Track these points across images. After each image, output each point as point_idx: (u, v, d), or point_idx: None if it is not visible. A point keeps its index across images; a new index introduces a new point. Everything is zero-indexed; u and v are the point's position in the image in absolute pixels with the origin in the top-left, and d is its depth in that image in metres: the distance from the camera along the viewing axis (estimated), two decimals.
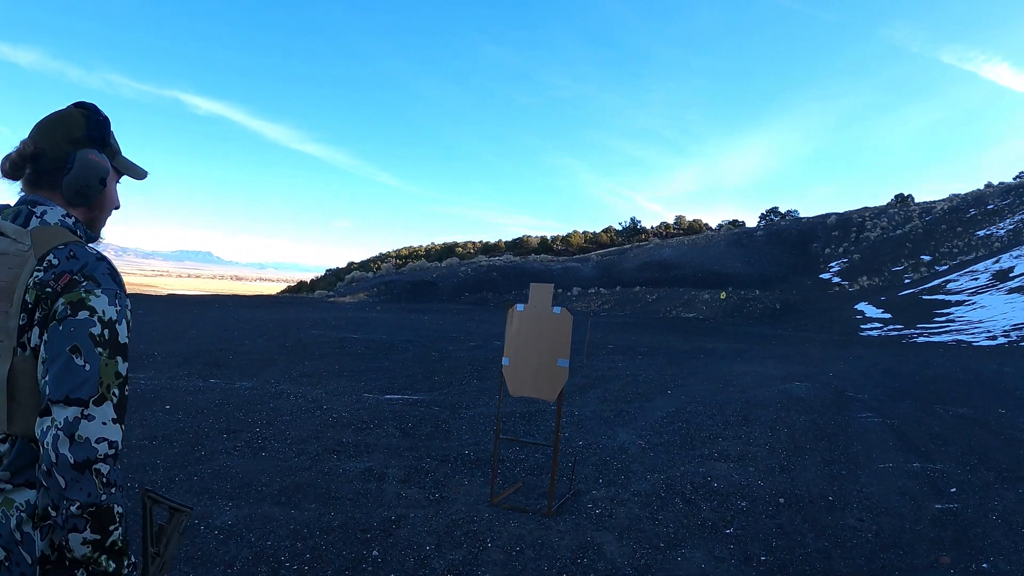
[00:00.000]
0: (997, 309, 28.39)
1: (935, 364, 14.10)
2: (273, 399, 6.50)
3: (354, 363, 9.55)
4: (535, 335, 3.34)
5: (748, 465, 4.92)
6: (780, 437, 5.97)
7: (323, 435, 5.16)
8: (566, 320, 3.31)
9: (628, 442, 5.40)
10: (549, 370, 3.32)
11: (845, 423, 6.85)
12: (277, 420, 5.64)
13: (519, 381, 3.40)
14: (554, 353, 3.30)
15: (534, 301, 3.41)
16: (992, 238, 45.06)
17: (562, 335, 3.29)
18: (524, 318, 3.41)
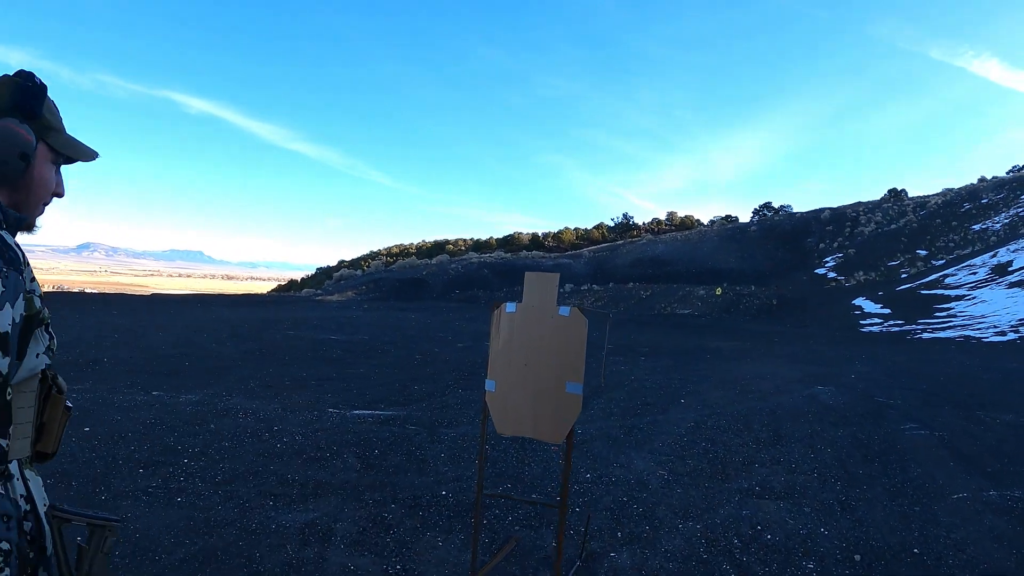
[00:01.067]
0: (999, 304, 27.74)
1: (954, 362, 13.21)
2: (217, 418, 5.43)
3: (325, 369, 8.47)
4: (534, 347, 2.35)
5: (801, 503, 3.91)
6: (824, 459, 4.98)
7: (265, 469, 4.10)
8: (578, 325, 2.30)
9: (647, 471, 4.37)
10: (554, 399, 2.31)
11: (890, 437, 5.89)
12: (213, 447, 4.57)
13: (510, 414, 2.38)
14: (561, 374, 2.30)
15: (532, 298, 2.42)
16: (988, 232, 44.56)
17: (573, 348, 2.29)
18: (518, 323, 2.40)
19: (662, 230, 70.43)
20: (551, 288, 2.39)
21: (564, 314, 2.28)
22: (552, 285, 2.39)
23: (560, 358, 2.26)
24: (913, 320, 26.76)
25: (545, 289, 2.39)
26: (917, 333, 23.87)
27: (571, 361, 2.23)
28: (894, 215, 57.20)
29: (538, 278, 2.34)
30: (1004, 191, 53.74)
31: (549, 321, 2.29)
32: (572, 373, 2.22)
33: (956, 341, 20.10)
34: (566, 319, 2.27)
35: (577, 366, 2.22)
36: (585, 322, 2.25)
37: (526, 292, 2.38)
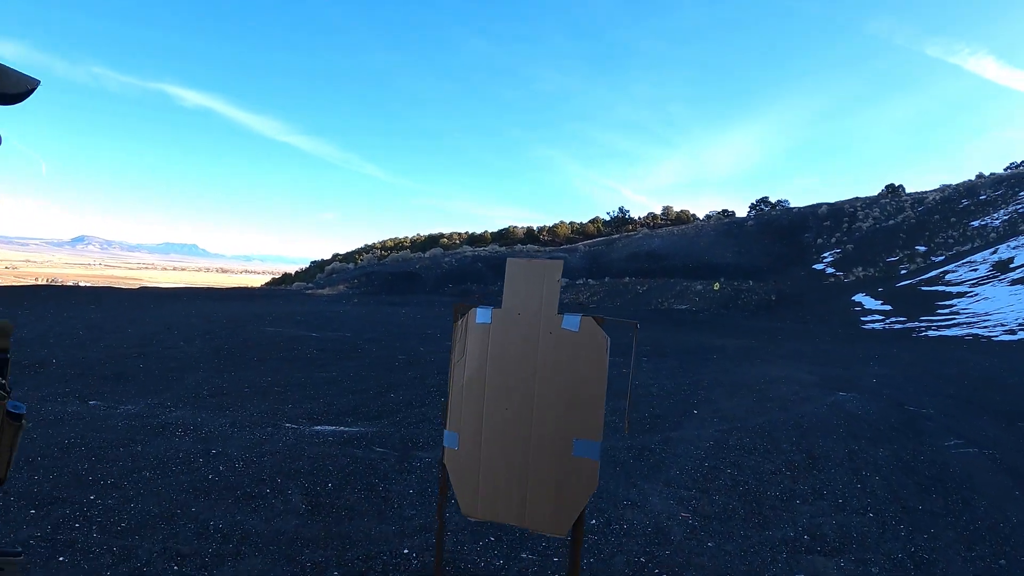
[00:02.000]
0: (1002, 301, 27.10)
1: (972, 364, 12.43)
2: (150, 436, 4.56)
3: (294, 373, 7.59)
4: (521, 381, 1.51)
5: (865, 559, 3.08)
6: (874, 490, 4.16)
7: (184, 512, 3.23)
8: (594, 346, 1.46)
9: (666, 514, 3.52)
10: (554, 467, 1.47)
11: (937, 458, 5.08)
12: (131, 478, 3.70)
13: (484, 489, 1.53)
14: (567, 426, 1.46)
15: (519, 298, 1.57)
16: (987, 229, 43.99)
17: (587, 384, 1.45)
18: (495, 341, 1.54)
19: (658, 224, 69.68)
20: (550, 284, 1.53)
21: (571, 328, 1.44)
22: (551, 279, 1.54)
23: (564, 400, 1.42)
24: (916, 317, 26.08)
25: (540, 285, 1.53)
26: (922, 331, 23.13)
27: (583, 405, 1.39)
28: (892, 211, 56.59)
29: (528, 267, 1.50)
30: (1002, 187, 53.20)
31: (547, 339, 1.45)
32: (584, 425, 1.38)
33: (965, 340, 19.36)
34: (574, 336, 1.42)
35: (592, 413, 1.38)
36: (605, 341, 1.40)
37: (508, 289, 1.53)
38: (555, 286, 1.51)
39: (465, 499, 1.55)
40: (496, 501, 1.49)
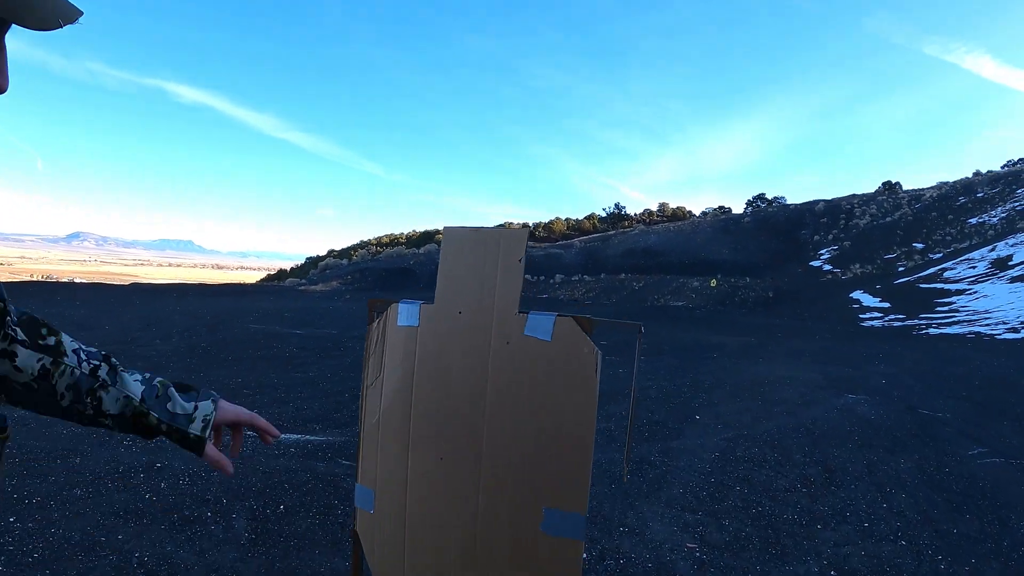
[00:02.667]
0: (1002, 299, 26.82)
1: (981, 364, 12.02)
2: (93, 447, 4.08)
3: (269, 373, 7.11)
4: (468, 415, 1.00)
5: None
6: (901, 509, 3.71)
7: (108, 539, 2.76)
8: (578, 366, 0.93)
9: (668, 542, 3.06)
10: (515, 550, 0.94)
11: (963, 469, 4.64)
12: (59, 496, 3.23)
13: (412, 571, 1.01)
14: (534, 490, 0.94)
15: (463, 289, 1.05)
16: (985, 226, 43.77)
17: (567, 422, 0.93)
18: (429, 353, 1.04)
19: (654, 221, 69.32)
20: (508, 265, 1.02)
21: (540, 335, 0.96)
22: (509, 256, 1.02)
23: (530, 447, 0.95)
24: (915, 315, 25.77)
25: (492, 266, 1.03)
26: (922, 328, 22.78)
27: (559, 456, 0.92)
28: (889, 208, 56.38)
29: (476, 238, 1.02)
30: (1000, 185, 53.03)
31: (503, 351, 0.99)
32: (560, 488, 0.90)
33: (968, 338, 19.00)
34: (546, 348, 0.96)
35: (575, 470, 0.90)
36: (595, 356, 0.91)
37: (445, 273, 1.06)
38: (516, 269, 1.00)
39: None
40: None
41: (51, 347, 0.84)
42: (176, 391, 0.93)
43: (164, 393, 0.91)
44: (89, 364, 0.87)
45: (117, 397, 0.87)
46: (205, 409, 0.93)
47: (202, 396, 0.94)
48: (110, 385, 0.87)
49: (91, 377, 0.86)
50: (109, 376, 0.88)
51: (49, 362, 0.83)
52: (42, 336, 0.83)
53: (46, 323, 0.86)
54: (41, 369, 0.82)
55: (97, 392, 0.86)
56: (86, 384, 0.86)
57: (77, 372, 0.85)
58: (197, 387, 0.97)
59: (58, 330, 0.87)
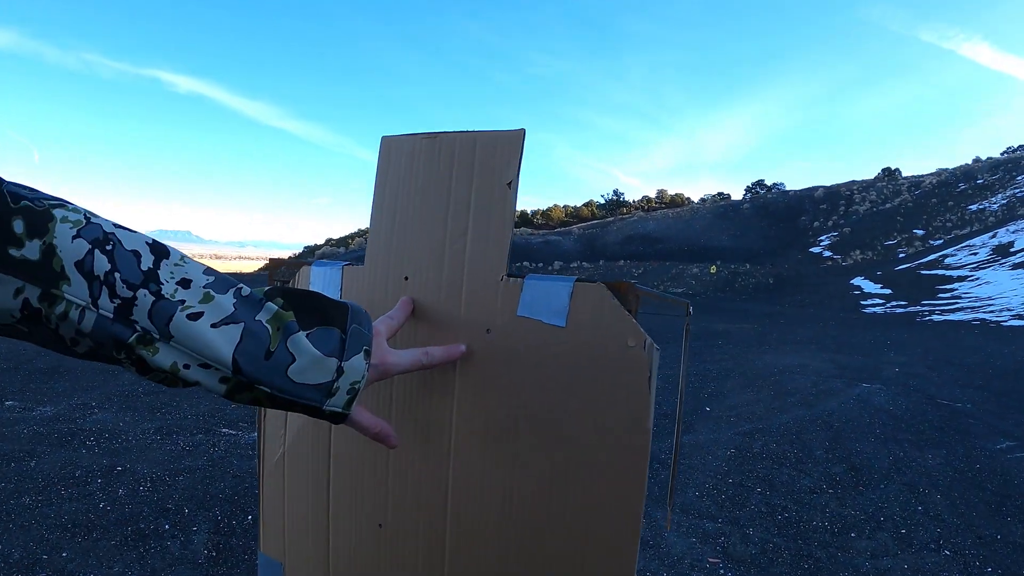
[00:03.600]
0: (1005, 285, 26.59)
1: (993, 352, 11.71)
2: (55, 446, 3.73)
3: None
4: (424, 454, 0.60)
5: None
6: (939, 513, 3.38)
7: (52, 556, 2.41)
8: (626, 375, 0.55)
9: (687, 556, 2.72)
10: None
11: (995, 466, 4.31)
12: (5, 506, 2.87)
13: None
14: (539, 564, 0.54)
15: (409, 235, 0.63)
16: (986, 212, 43.53)
17: (606, 472, 0.52)
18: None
19: (653, 207, 68.93)
20: (492, 191, 0.59)
21: (547, 319, 0.55)
22: (496, 174, 0.59)
23: (528, 514, 0.55)
24: (917, 301, 25.54)
25: (460, 195, 0.61)
26: (925, 315, 22.51)
27: (577, 533, 0.52)
28: (889, 194, 56.08)
29: (432, 148, 0.59)
30: (1000, 172, 52.73)
31: (481, 347, 0.58)
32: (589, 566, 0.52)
33: (973, 325, 18.70)
34: (557, 339, 0.55)
35: (611, 556, 0.51)
36: (645, 353, 0.57)
37: (378, 217, 0.63)
38: (503, 201, 0.58)
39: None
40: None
41: (34, 265, 0.41)
42: (307, 335, 0.49)
43: (282, 345, 0.47)
44: (114, 296, 0.43)
45: (178, 363, 0.45)
46: (354, 371, 0.50)
47: (350, 339, 0.50)
48: (157, 340, 0.44)
49: (121, 322, 0.43)
50: (156, 320, 0.44)
51: (37, 296, 0.41)
52: (15, 240, 0.40)
53: (24, 206, 0.41)
54: (25, 308, 0.41)
55: (136, 350, 0.44)
56: (109, 336, 0.43)
57: (91, 314, 0.42)
58: (339, 303, 0.52)
59: (50, 216, 0.42)
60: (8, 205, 0.40)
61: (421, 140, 0.63)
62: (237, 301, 0.47)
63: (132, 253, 0.44)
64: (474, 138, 0.60)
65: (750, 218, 57.23)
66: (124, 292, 0.43)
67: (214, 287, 0.47)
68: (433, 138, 0.63)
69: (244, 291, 0.48)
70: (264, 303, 0.48)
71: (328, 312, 0.50)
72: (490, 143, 0.59)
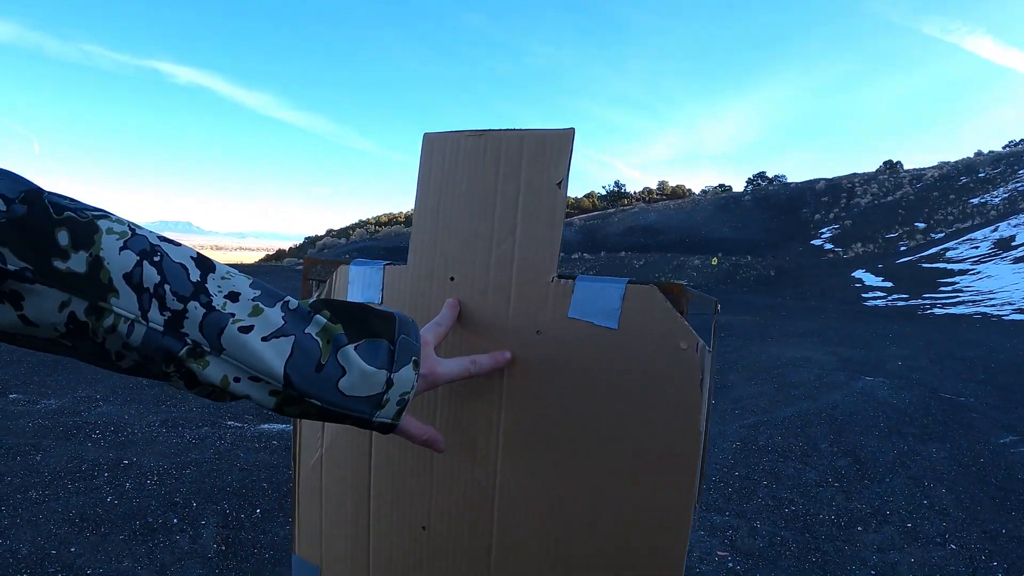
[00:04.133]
0: (1006, 279, 26.57)
1: (995, 346, 11.72)
2: (59, 440, 3.73)
3: None
4: (470, 457, 0.59)
5: None
6: (944, 507, 3.38)
7: (57, 555, 2.42)
8: (678, 379, 0.52)
9: (697, 549, 2.73)
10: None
11: (1000, 460, 4.32)
12: (11, 501, 2.88)
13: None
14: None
15: (458, 236, 0.62)
16: (987, 206, 43.39)
17: (656, 477, 0.52)
18: None
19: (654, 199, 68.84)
20: (542, 190, 0.59)
21: (599, 321, 0.55)
22: (545, 173, 0.59)
23: (579, 519, 0.54)
24: (918, 295, 25.52)
25: (508, 193, 0.60)
26: (926, 308, 22.51)
27: (626, 537, 0.53)
28: (890, 187, 55.91)
29: (477, 147, 0.59)
30: (1001, 165, 52.53)
31: (531, 348, 0.57)
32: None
33: (975, 318, 18.69)
34: (609, 341, 0.54)
35: (660, 559, 0.54)
36: (698, 355, 0.52)
37: (422, 215, 0.62)
38: (554, 200, 0.58)
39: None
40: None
41: (81, 278, 0.40)
42: (355, 347, 0.48)
43: (332, 358, 0.47)
44: (164, 308, 0.42)
45: (228, 377, 0.44)
46: (403, 383, 0.50)
47: (399, 351, 0.50)
48: (208, 353, 0.43)
49: (172, 335, 0.42)
50: (208, 334, 0.43)
51: (83, 309, 0.40)
52: (60, 252, 0.39)
53: (68, 216, 0.40)
54: (71, 322, 0.40)
55: (187, 364, 0.43)
56: (159, 350, 0.42)
57: (141, 327, 0.41)
58: (386, 313, 0.52)
59: (95, 227, 0.41)
60: (51, 216, 0.39)
61: (465, 138, 0.63)
62: (286, 314, 0.47)
63: (180, 265, 0.44)
64: (521, 136, 0.59)
65: (751, 210, 57.08)
66: (175, 304, 0.42)
67: (262, 300, 0.47)
68: (479, 136, 0.62)
69: (292, 304, 0.48)
70: (313, 316, 0.48)
71: (375, 324, 0.50)
72: (538, 142, 0.59)
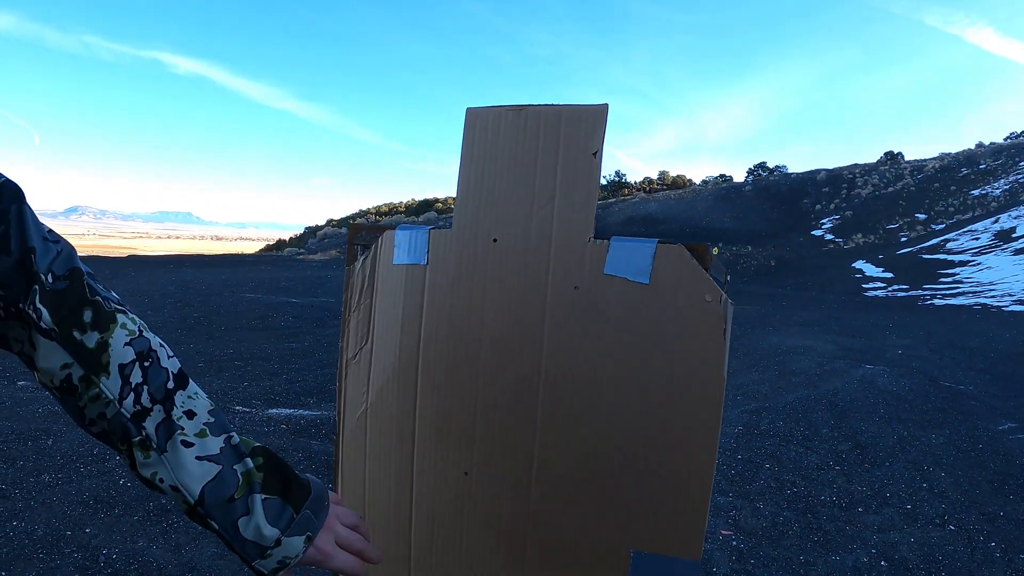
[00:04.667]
0: (1006, 271, 26.58)
1: (995, 336, 11.77)
2: (69, 426, 3.77)
3: (262, 343, 6.80)
4: (509, 404, 0.64)
5: None
6: (943, 490, 3.43)
7: (72, 536, 2.46)
8: (704, 328, 0.59)
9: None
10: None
11: (998, 446, 4.37)
12: (24, 484, 2.93)
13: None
14: (619, 516, 0.59)
15: (500, 203, 0.68)
16: (988, 198, 43.33)
17: (678, 414, 0.57)
18: (445, 307, 0.66)
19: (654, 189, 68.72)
20: (578, 160, 0.65)
21: (632, 276, 0.60)
22: (581, 144, 0.65)
23: (614, 460, 0.59)
24: (919, 285, 25.56)
25: (550, 165, 0.66)
26: (926, 299, 22.56)
27: (657, 476, 0.58)
28: (891, 178, 55.80)
29: (518, 121, 0.64)
30: (1002, 157, 52.38)
31: (569, 303, 0.62)
32: (659, 523, 0.57)
33: (975, 309, 18.73)
34: (641, 295, 0.59)
35: (687, 494, 0.57)
36: (721, 307, 0.59)
37: (467, 181, 0.68)
38: (589, 169, 0.64)
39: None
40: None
41: (88, 352, 0.51)
42: (264, 499, 0.56)
43: (243, 498, 0.56)
44: (136, 403, 0.53)
45: (158, 474, 0.55)
46: (290, 548, 0.57)
47: (298, 522, 0.57)
48: (153, 449, 0.54)
49: (133, 423, 0.53)
50: (159, 435, 0.54)
51: (78, 376, 0.52)
52: (81, 326, 0.51)
53: (97, 302, 0.53)
54: (65, 381, 0.52)
55: (134, 450, 0.54)
56: (121, 429, 0.54)
57: (114, 408, 0.53)
58: (304, 482, 0.60)
59: (113, 318, 0.53)
60: (86, 296, 0.52)
61: (507, 112, 0.68)
62: (225, 447, 0.56)
63: (163, 372, 0.55)
64: (559, 111, 0.65)
65: (752, 200, 57.05)
66: (146, 402, 0.54)
67: (211, 428, 0.57)
68: (519, 110, 0.67)
69: (234, 440, 0.58)
70: (244, 458, 0.57)
71: (292, 488, 0.58)
72: (575, 116, 0.64)
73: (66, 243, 0.54)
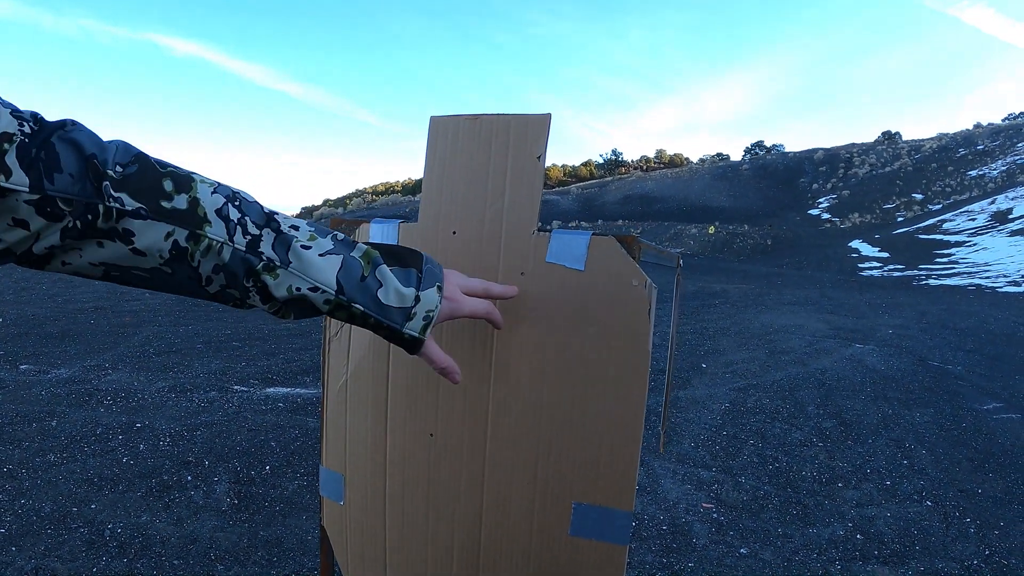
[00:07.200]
0: (1002, 252, 26.70)
1: (987, 316, 11.88)
2: (73, 407, 3.84)
3: (259, 323, 6.87)
4: (467, 377, 0.74)
5: (937, 570, 2.45)
6: (923, 467, 3.54)
7: (78, 512, 2.54)
8: (626, 304, 0.68)
9: (683, 503, 2.87)
10: (532, 559, 0.71)
11: (981, 425, 4.47)
12: (30, 464, 3.00)
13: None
14: (562, 473, 0.69)
15: (458, 200, 0.77)
16: (985, 179, 43.32)
17: (609, 383, 0.68)
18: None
19: (651, 168, 68.47)
20: (520, 164, 0.74)
21: (569, 261, 0.71)
22: (523, 153, 0.75)
23: (556, 418, 0.71)
24: (914, 265, 25.69)
25: (500, 166, 0.76)
26: (922, 279, 22.67)
27: (597, 433, 0.69)
28: (888, 158, 55.67)
29: (473, 128, 0.75)
30: (1000, 138, 52.25)
31: (517, 280, 0.73)
32: (596, 478, 0.68)
33: (969, 290, 18.85)
34: (578, 280, 0.70)
35: (619, 451, 0.67)
36: (646, 291, 0.68)
37: (431, 180, 0.77)
38: (533, 170, 0.73)
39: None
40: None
41: (182, 212, 0.52)
42: (388, 266, 0.61)
43: (372, 274, 0.59)
44: (246, 234, 0.55)
45: (293, 285, 0.56)
46: (429, 301, 0.62)
47: (425, 277, 0.62)
48: (279, 267, 0.56)
49: (252, 254, 0.55)
50: (278, 251, 0.56)
51: (184, 236, 0.53)
52: (166, 195, 0.52)
53: (170, 171, 0.54)
54: (174, 248, 0.53)
55: (262, 276, 0.55)
56: (242, 264, 0.55)
57: (228, 248, 0.54)
58: (412, 249, 0.64)
59: (191, 178, 0.55)
60: (158, 170, 0.53)
61: (464, 121, 0.78)
62: (335, 242, 0.59)
63: (254, 204, 0.57)
64: (508, 120, 0.76)
65: (749, 179, 56.91)
66: (253, 230, 0.55)
67: (317, 231, 0.59)
68: (475, 119, 0.78)
69: (339, 236, 0.61)
70: (356, 244, 0.61)
71: (406, 257, 0.63)
72: (522, 124, 0.75)
73: (119, 140, 0.54)
